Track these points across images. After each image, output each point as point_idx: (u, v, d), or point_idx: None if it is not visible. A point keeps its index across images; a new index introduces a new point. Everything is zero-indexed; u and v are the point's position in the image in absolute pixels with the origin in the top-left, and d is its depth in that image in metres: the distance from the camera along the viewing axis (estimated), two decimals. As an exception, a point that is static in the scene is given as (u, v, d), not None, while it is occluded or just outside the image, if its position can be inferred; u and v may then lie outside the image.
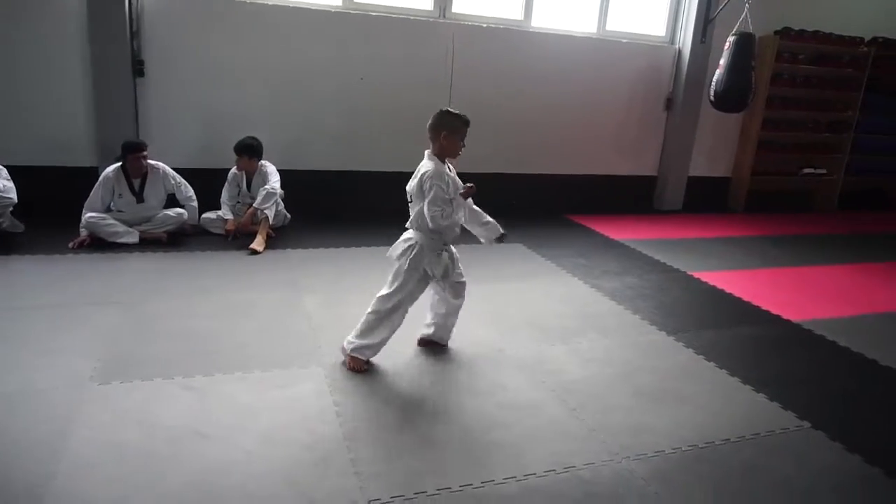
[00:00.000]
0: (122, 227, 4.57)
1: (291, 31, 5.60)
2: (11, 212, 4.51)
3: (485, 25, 6.18)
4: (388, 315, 2.91)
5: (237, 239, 4.85)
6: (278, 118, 5.66)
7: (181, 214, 4.82)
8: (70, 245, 4.41)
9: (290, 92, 5.71)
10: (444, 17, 6.09)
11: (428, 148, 2.98)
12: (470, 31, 6.10)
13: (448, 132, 2.90)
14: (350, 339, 2.94)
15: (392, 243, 3.05)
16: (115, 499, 1.96)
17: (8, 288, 3.65)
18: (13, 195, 4.38)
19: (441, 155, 2.92)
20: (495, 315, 3.70)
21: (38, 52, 5.03)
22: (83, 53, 5.10)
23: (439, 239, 2.91)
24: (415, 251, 2.88)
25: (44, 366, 2.75)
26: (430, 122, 2.97)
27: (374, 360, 2.99)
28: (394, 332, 2.94)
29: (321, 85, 5.79)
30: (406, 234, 2.98)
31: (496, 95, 6.31)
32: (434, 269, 2.91)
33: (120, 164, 4.70)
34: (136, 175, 4.73)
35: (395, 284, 2.91)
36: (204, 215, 5.01)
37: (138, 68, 5.26)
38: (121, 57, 5.15)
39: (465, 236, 3.19)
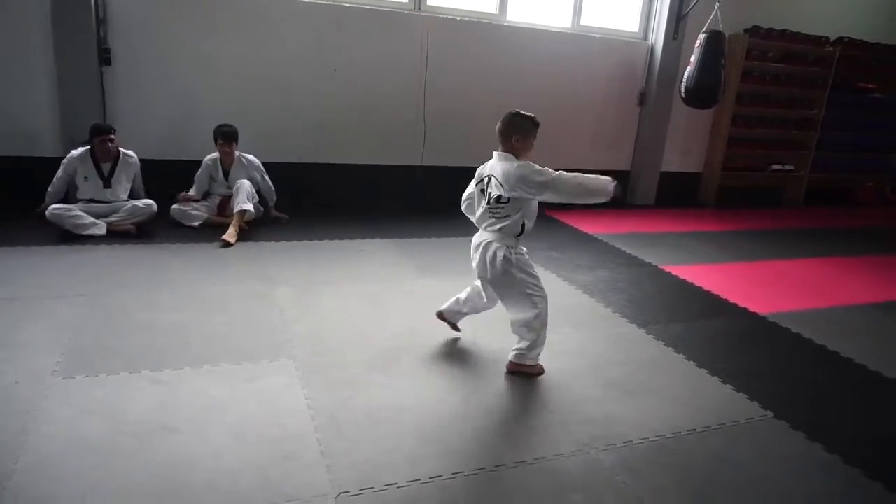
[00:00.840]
0: (88, 219, 4.47)
1: (264, 20, 5.51)
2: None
3: (459, 18, 6.16)
4: (543, 320, 2.86)
5: (208, 227, 4.80)
6: (250, 109, 5.57)
7: (150, 205, 4.72)
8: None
9: (262, 82, 5.62)
10: (419, 9, 6.06)
11: (496, 148, 2.98)
12: (444, 23, 6.08)
13: (521, 136, 2.88)
14: (522, 350, 2.89)
15: (364, 236, 3.02)
16: (76, 496, 1.91)
17: (-33, 281, 3.54)
18: None
19: (514, 154, 2.85)
20: (468, 308, 3.70)
21: (0, 39, 4.87)
22: (47, 40, 4.95)
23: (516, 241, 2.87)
24: (514, 253, 2.83)
25: (4, 360, 2.68)
26: (499, 125, 2.94)
27: (346, 354, 2.98)
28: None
29: (294, 76, 5.72)
30: (487, 244, 2.87)
31: (471, 89, 6.30)
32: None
33: (87, 147, 4.62)
34: (104, 159, 4.65)
35: (528, 291, 2.83)
36: (174, 207, 4.91)
37: (105, 56, 5.13)
38: (86, 44, 5.02)
39: (444, 229, 3.18)
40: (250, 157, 5.11)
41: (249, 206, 4.81)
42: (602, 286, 4.30)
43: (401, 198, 6.21)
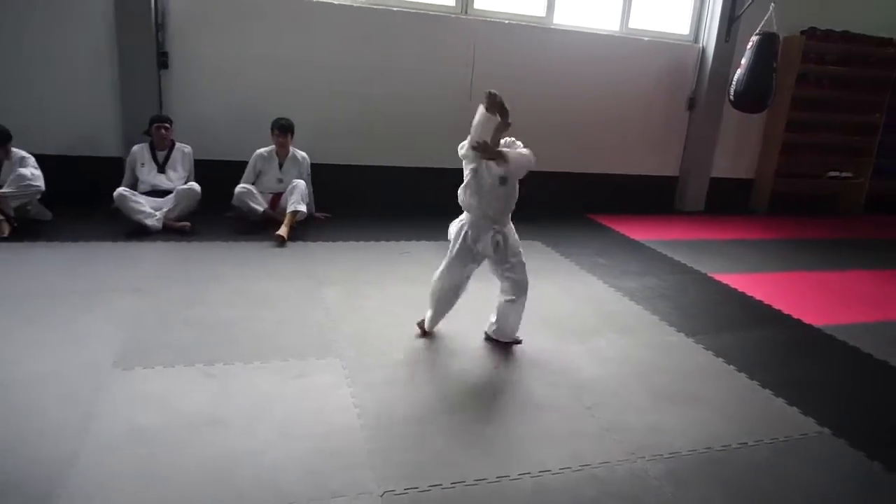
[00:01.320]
0: (147, 209, 4.66)
1: (314, 25, 5.63)
2: (39, 199, 4.60)
3: (507, 22, 6.16)
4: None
5: (256, 227, 4.93)
6: (299, 111, 5.67)
7: (192, 187, 4.91)
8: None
9: (311, 86, 5.74)
10: (466, 13, 6.09)
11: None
12: (491, 27, 6.09)
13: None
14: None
15: (408, 238, 3.09)
16: (135, 482, 1.99)
17: (35, 274, 3.72)
18: (41, 183, 4.47)
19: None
20: (512, 312, 3.69)
21: (66, 45, 5.12)
22: (110, 46, 5.18)
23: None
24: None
25: (69, 350, 2.81)
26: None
27: (391, 354, 3.02)
28: None
29: (343, 79, 5.81)
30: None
31: (517, 93, 6.20)
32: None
33: (148, 140, 4.96)
34: (160, 147, 4.97)
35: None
36: (238, 189, 4.99)
37: (162, 60, 5.33)
38: (146, 49, 5.22)
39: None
40: (303, 153, 5.24)
41: (303, 207, 4.92)
42: (649, 293, 4.23)
43: (446, 201, 6.23)
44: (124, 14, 5.10)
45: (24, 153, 4.53)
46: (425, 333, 3.26)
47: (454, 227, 3.18)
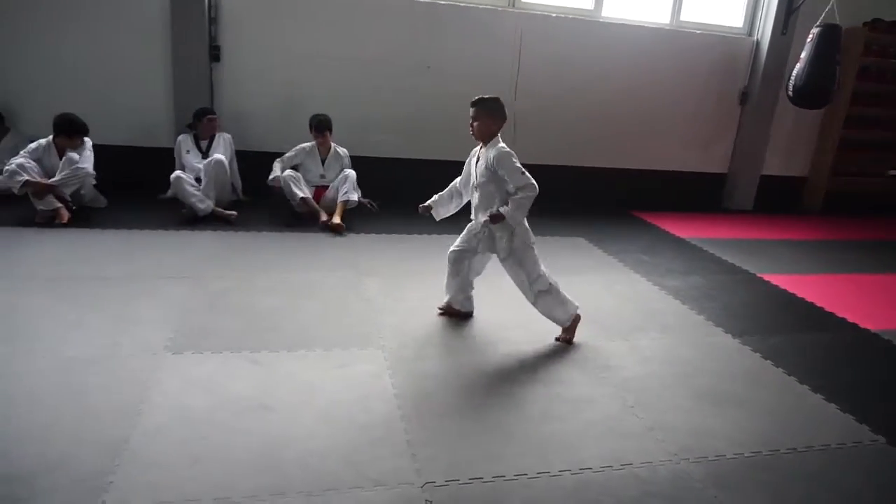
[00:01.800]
0: (199, 194, 4.82)
1: (361, 18, 5.68)
2: (95, 186, 4.77)
3: (554, 15, 6.08)
4: (556, 288, 3.16)
5: (297, 219, 5.03)
6: (346, 103, 5.76)
7: (220, 160, 4.98)
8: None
9: (358, 78, 5.80)
10: (513, 6, 6.04)
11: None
12: (538, 20, 6.03)
13: (502, 120, 3.13)
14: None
15: (450, 232, 3.11)
16: (184, 464, 2.06)
17: (90, 259, 3.87)
18: (89, 165, 4.61)
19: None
20: (554, 308, 3.67)
21: (123, 38, 5.30)
22: (164, 39, 5.33)
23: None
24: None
25: (122, 334, 2.92)
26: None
27: (432, 346, 3.03)
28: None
29: (389, 72, 5.85)
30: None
31: (563, 87, 6.22)
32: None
33: (192, 131, 5.17)
34: (205, 137, 5.16)
35: (532, 265, 3.12)
36: (286, 175, 5.06)
37: (214, 53, 5.46)
38: (199, 42, 5.36)
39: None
40: (344, 150, 5.30)
41: (355, 196, 5.03)
42: (695, 292, 4.14)
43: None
44: (179, 9, 5.25)
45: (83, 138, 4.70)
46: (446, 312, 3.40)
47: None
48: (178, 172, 4.86)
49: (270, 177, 5.05)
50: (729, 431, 2.52)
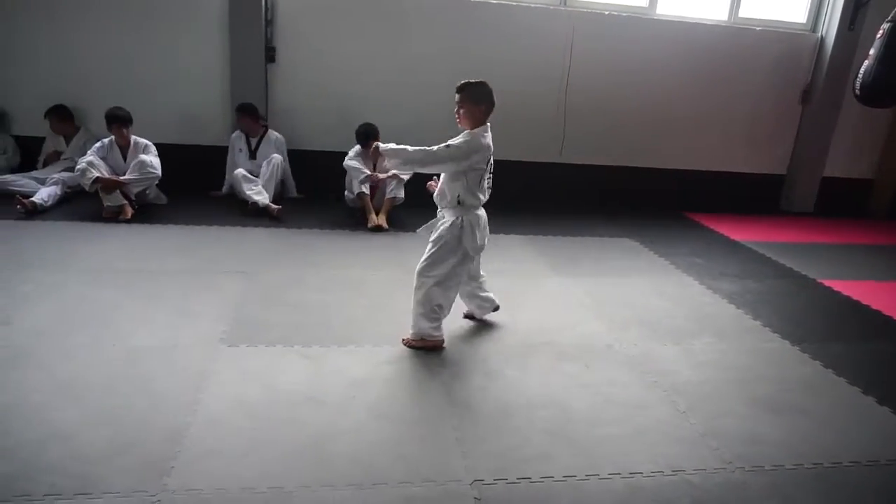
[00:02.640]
0: (256, 187, 5.05)
1: (412, 20, 5.72)
2: (157, 185, 4.97)
3: (607, 13, 5.99)
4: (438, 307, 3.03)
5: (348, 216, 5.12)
6: (396, 105, 5.81)
7: (271, 157, 5.22)
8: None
9: (408, 80, 5.84)
10: (565, 4, 5.97)
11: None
12: (591, 18, 5.95)
13: (488, 104, 3.19)
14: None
15: (499, 232, 3.08)
16: (239, 454, 2.12)
17: (153, 253, 4.03)
18: (159, 170, 4.83)
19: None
20: (604, 310, 3.62)
21: (184, 40, 5.48)
22: (223, 41, 5.50)
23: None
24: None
25: (182, 325, 3.03)
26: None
27: (480, 345, 3.04)
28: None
29: (439, 73, 5.87)
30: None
31: (616, 85, 6.12)
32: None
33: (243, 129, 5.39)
34: (252, 135, 5.36)
35: (441, 263, 3.01)
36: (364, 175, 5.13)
37: (270, 55, 5.60)
38: (255, 44, 5.51)
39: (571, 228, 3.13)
40: None
41: (401, 193, 5.11)
42: (750, 297, 4.01)
43: (538, 195, 6.18)
44: (237, 10, 5.40)
45: (146, 141, 4.90)
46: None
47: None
48: (237, 171, 5.14)
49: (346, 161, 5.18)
50: (787, 441, 2.44)
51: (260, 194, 5.03)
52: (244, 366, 2.70)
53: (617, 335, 3.28)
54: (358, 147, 5.23)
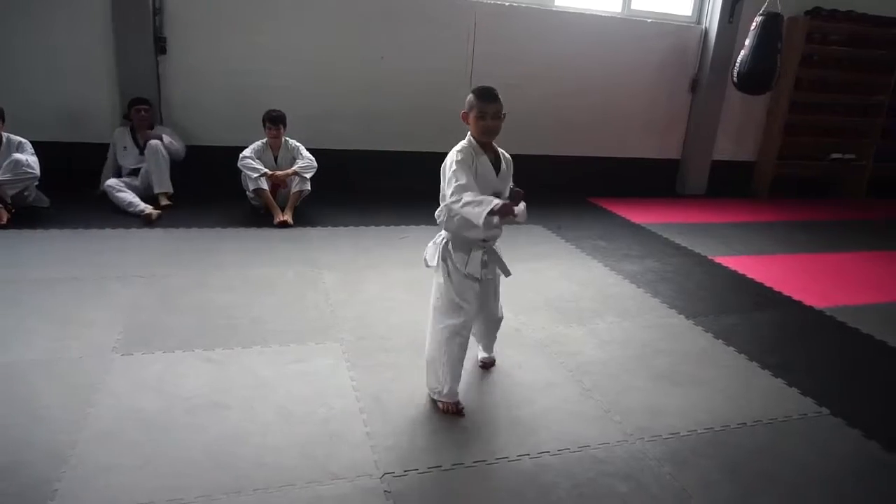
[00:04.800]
0: (135, 199, 4.75)
1: (313, 8, 5.57)
2: (37, 186, 4.59)
3: (507, 4, 6.09)
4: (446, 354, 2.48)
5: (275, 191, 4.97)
6: (299, 96, 5.65)
7: (151, 144, 4.92)
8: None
9: (309, 69, 5.69)
10: (467, -5, 6.02)
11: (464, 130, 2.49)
12: (492, 10, 6.03)
13: (468, 109, 2.38)
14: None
15: (407, 223, 3.05)
16: (134, 466, 2.00)
17: (34, 261, 3.72)
18: (36, 169, 4.45)
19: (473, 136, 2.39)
20: (513, 295, 3.66)
21: (63, 29, 5.07)
22: (106, 31, 5.13)
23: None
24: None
25: (69, 336, 2.81)
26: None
27: (390, 338, 3.02)
28: None
29: (342, 64, 5.77)
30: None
31: (518, 76, 6.22)
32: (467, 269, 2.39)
33: (129, 125, 5.06)
34: (141, 129, 5.03)
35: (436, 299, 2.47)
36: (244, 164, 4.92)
37: (161, 45, 5.28)
38: (143, 34, 5.18)
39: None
40: (295, 142, 5.18)
41: (307, 186, 4.98)
42: (650, 276, 4.22)
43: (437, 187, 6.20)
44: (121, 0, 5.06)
45: (21, 139, 4.51)
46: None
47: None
48: (108, 182, 4.81)
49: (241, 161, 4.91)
50: (684, 410, 2.58)
51: (139, 205, 4.66)
52: (140, 374, 2.55)
53: (525, 319, 3.35)
54: (257, 144, 5.04)
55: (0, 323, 2.89)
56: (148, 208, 4.64)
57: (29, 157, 4.43)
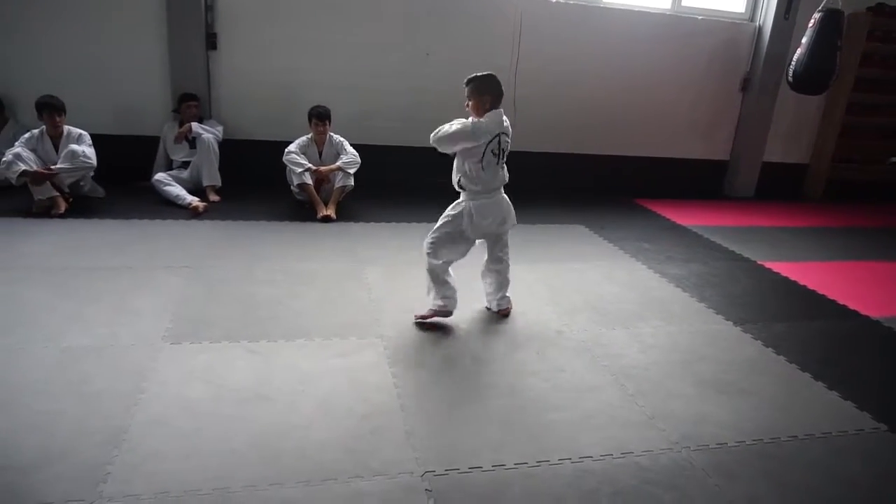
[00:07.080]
0: (182, 192, 4.86)
1: (359, 5, 5.61)
2: (93, 177, 4.74)
3: (554, 1, 6.02)
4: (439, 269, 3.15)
5: (297, 206, 5.02)
6: (346, 92, 5.70)
7: (204, 139, 5.07)
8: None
9: (357, 66, 5.74)
10: (513, -9, 5.97)
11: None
12: (539, 6, 5.96)
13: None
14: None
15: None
16: (182, 455, 2.05)
17: (89, 249, 3.85)
18: (93, 160, 4.59)
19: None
20: (555, 296, 3.65)
21: (118, 26, 5.23)
22: (160, 27, 5.27)
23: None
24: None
25: (122, 323, 2.90)
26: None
27: (432, 335, 3.03)
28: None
29: (387, 60, 5.79)
30: (503, 196, 3.23)
31: (563, 73, 6.17)
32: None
33: (178, 119, 5.18)
34: (187, 121, 5.14)
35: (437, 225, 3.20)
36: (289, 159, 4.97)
37: (211, 41, 5.40)
38: (195, 30, 5.30)
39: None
40: (339, 137, 5.22)
41: (351, 181, 5.01)
42: (696, 280, 4.12)
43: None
44: (174, -4, 5.20)
45: (81, 131, 4.66)
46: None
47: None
48: (157, 176, 4.94)
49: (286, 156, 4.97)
50: (731, 420, 2.51)
51: (187, 197, 4.77)
52: (188, 363, 2.61)
53: (567, 321, 3.31)
54: (302, 139, 5.10)
55: (53, 310, 2.99)
56: (195, 201, 4.75)
57: (86, 148, 4.58)
